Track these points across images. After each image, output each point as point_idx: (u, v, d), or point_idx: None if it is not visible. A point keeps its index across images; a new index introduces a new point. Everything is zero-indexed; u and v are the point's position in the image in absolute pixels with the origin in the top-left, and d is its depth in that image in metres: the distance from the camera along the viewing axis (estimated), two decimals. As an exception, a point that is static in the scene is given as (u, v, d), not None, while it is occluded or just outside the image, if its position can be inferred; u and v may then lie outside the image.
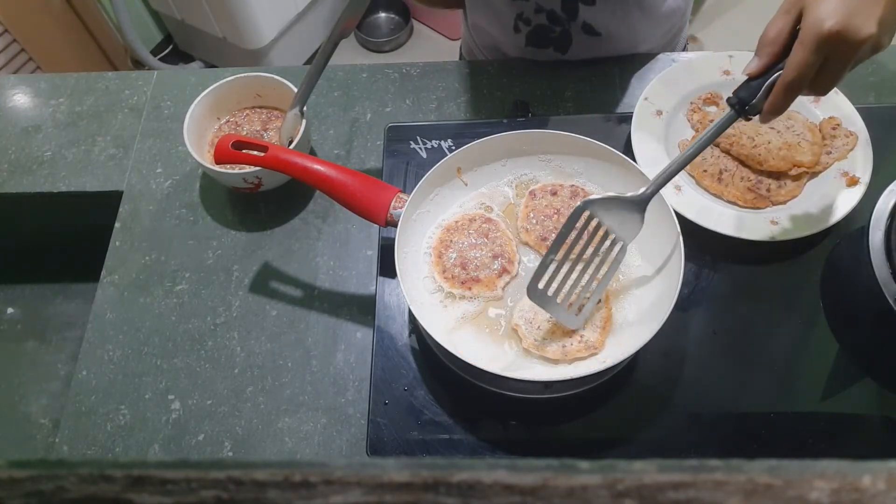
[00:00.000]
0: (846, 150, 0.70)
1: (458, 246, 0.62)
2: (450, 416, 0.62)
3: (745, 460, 0.16)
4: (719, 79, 0.77)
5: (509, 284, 0.62)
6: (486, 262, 0.61)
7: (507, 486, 0.16)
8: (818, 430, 0.60)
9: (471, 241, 0.62)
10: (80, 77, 0.88)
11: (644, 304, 0.60)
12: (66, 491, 0.17)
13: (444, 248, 0.62)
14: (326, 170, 0.61)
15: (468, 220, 0.64)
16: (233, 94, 0.78)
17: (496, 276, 0.61)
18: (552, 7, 0.79)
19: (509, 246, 0.62)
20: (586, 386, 0.60)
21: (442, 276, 0.61)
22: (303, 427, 0.63)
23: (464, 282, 0.60)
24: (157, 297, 0.71)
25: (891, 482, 0.16)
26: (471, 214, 0.64)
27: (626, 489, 0.16)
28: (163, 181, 0.79)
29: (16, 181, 0.80)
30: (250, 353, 0.67)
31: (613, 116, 0.79)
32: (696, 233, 0.66)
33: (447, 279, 0.61)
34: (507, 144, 0.66)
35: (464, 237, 0.63)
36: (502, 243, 0.62)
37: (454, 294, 0.61)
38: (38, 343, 0.87)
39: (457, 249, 0.62)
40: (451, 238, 0.63)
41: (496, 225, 0.64)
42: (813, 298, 0.66)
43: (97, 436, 0.64)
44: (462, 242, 0.62)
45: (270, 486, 0.17)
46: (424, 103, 0.83)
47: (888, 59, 0.81)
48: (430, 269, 0.62)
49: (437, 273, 0.61)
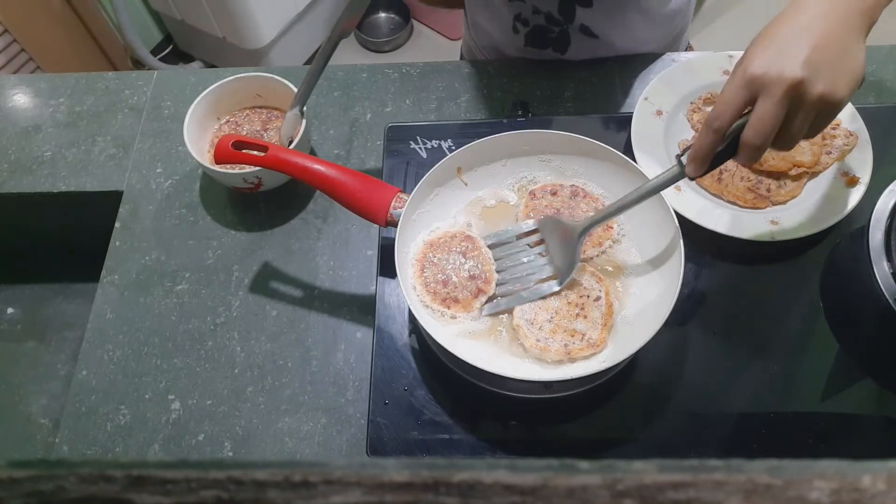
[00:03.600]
0: (846, 150, 0.70)
1: (439, 264, 0.62)
2: (450, 416, 0.62)
3: (745, 460, 0.16)
4: (719, 79, 0.77)
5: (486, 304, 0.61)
6: (463, 282, 0.61)
7: (507, 486, 0.16)
8: (818, 430, 0.60)
9: (451, 260, 0.62)
10: (80, 77, 0.88)
11: (644, 303, 0.60)
12: (66, 491, 0.17)
13: (427, 264, 0.62)
14: (326, 170, 0.61)
15: (449, 238, 0.63)
16: (233, 94, 0.78)
17: (472, 297, 0.60)
18: (549, 9, 0.79)
19: (486, 266, 0.62)
20: (586, 386, 0.60)
21: (424, 289, 0.61)
22: (303, 427, 0.63)
23: (444, 300, 0.60)
24: (157, 297, 0.71)
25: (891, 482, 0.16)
26: (452, 231, 0.64)
27: (626, 489, 0.16)
28: (163, 181, 0.79)
29: (16, 181, 0.80)
30: (250, 353, 0.67)
31: (613, 116, 0.79)
32: (696, 233, 0.66)
33: (429, 293, 0.60)
34: (507, 144, 0.66)
35: (444, 255, 0.62)
36: (480, 262, 0.62)
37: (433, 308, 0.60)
38: (38, 343, 0.87)
39: (437, 267, 0.61)
40: (433, 254, 0.62)
41: (475, 243, 0.63)
42: (813, 298, 0.66)
43: (97, 436, 0.64)
44: (442, 260, 0.62)
45: (270, 486, 0.17)
46: (424, 103, 0.83)
47: (888, 59, 0.81)
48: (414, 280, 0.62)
49: (419, 285, 0.61)
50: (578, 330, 0.58)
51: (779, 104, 0.44)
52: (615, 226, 0.64)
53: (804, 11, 0.46)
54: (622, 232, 0.64)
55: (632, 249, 0.63)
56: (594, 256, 0.63)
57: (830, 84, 0.44)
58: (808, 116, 0.46)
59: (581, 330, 0.58)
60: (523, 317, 0.59)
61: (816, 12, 0.46)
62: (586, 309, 0.59)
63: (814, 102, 0.45)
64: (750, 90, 0.46)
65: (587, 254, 0.63)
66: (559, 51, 0.84)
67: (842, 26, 0.45)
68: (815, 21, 0.45)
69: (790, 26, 0.46)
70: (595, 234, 0.63)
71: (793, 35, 0.45)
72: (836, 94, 0.45)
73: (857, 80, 0.46)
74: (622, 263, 0.63)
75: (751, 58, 0.46)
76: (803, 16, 0.46)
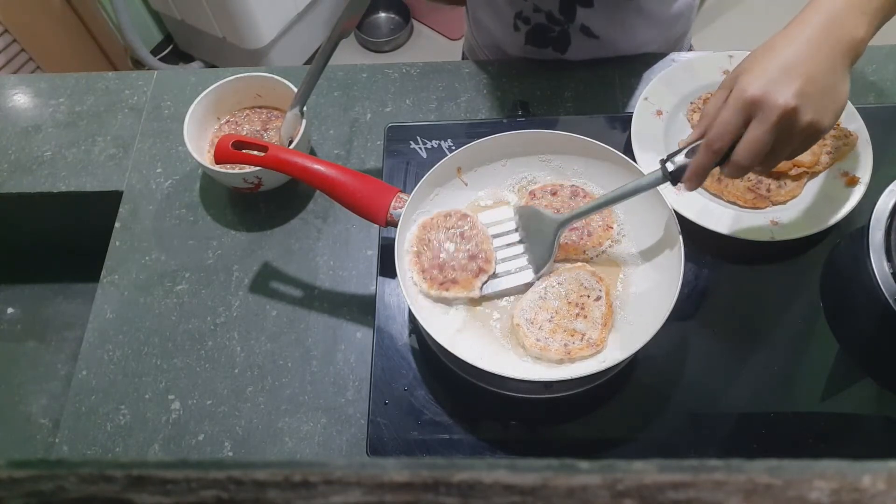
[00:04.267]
0: (846, 149, 0.70)
1: (435, 246, 0.61)
2: (450, 416, 0.62)
3: (745, 460, 0.16)
4: (719, 79, 0.77)
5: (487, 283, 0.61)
6: (463, 263, 0.60)
7: (507, 486, 0.16)
8: (818, 430, 0.60)
9: (447, 241, 0.61)
10: (80, 77, 0.88)
11: (644, 303, 0.60)
12: (66, 491, 0.17)
13: (423, 247, 0.61)
14: (326, 170, 0.61)
15: (443, 217, 0.63)
16: (233, 94, 0.78)
17: (473, 277, 0.60)
18: (550, 8, 0.79)
19: (485, 244, 0.61)
20: (586, 386, 0.60)
21: (420, 276, 0.60)
22: (303, 427, 0.63)
23: (441, 283, 0.60)
24: (157, 297, 0.71)
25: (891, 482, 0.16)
26: (446, 211, 0.63)
27: (626, 489, 0.16)
28: (163, 181, 0.79)
29: (16, 181, 0.80)
30: (250, 353, 0.67)
31: (613, 116, 0.79)
32: (696, 233, 0.66)
33: (426, 279, 0.60)
34: (507, 144, 0.66)
35: (440, 235, 0.62)
36: (478, 241, 0.61)
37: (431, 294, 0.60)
38: (38, 343, 0.87)
39: (433, 249, 0.61)
40: (427, 236, 0.62)
41: (472, 222, 0.62)
42: (813, 298, 0.66)
43: (97, 436, 0.64)
44: (438, 242, 0.61)
45: (270, 486, 0.17)
46: (424, 103, 0.83)
47: (888, 59, 0.81)
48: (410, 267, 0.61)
49: (416, 272, 0.61)
50: (578, 330, 0.58)
51: (771, 129, 0.48)
52: (615, 226, 0.64)
53: (793, 43, 0.49)
54: (622, 232, 0.64)
55: (632, 249, 0.63)
56: (594, 256, 0.63)
57: (818, 114, 0.48)
58: (794, 142, 0.50)
59: (581, 330, 0.58)
60: (523, 316, 0.59)
61: (806, 47, 0.49)
62: (586, 309, 0.59)
63: (802, 129, 0.48)
64: (746, 113, 0.49)
65: (587, 254, 0.63)
66: (559, 50, 0.84)
67: (830, 61, 0.49)
68: (806, 55, 0.49)
69: (782, 57, 0.49)
70: (595, 233, 0.63)
71: (786, 67, 0.48)
72: (822, 123, 0.49)
73: (840, 111, 0.50)
74: (622, 263, 0.63)
75: (747, 82, 0.49)
76: (793, 48, 0.49)
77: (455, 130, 0.79)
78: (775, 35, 0.51)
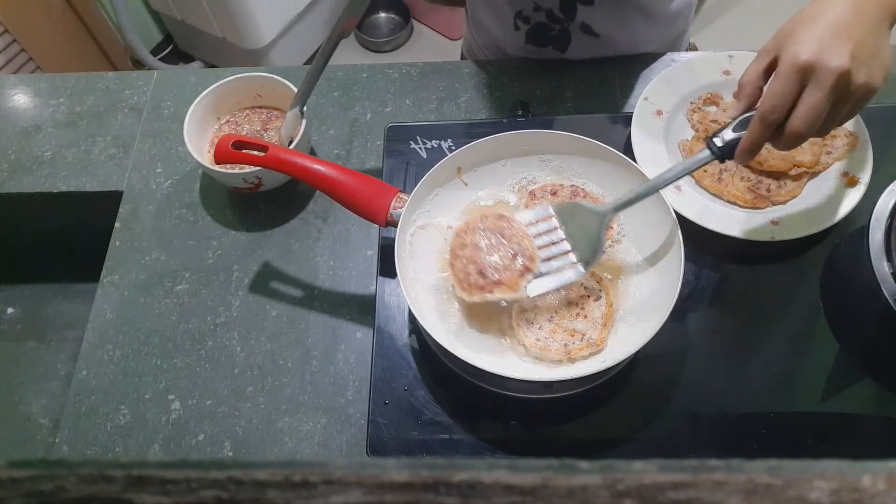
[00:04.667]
0: (846, 150, 0.70)
1: (475, 248, 0.57)
2: (450, 416, 0.62)
3: (745, 460, 0.16)
4: (719, 79, 0.77)
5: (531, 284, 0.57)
6: (506, 263, 0.56)
7: (507, 486, 0.16)
8: (818, 430, 0.60)
9: (486, 242, 0.57)
10: (80, 77, 0.88)
11: (644, 303, 0.60)
12: (66, 491, 0.17)
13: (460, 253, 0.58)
14: (326, 170, 0.61)
15: (479, 220, 0.59)
16: (233, 94, 0.78)
17: (518, 277, 0.56)
18: (550, 6, 0.79)
19: (527, 241, 0.57)
20: (586, 386, 0.60)
21: (459, 286, 0.57)
22: (303, 427, 0.63)
23: (482, 287, 0.56)
24: (157, 297, 0.71)
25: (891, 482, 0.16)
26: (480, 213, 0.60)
27: (626, 489, 0.16)
28: (163, 181, 0.79)
29: (16, 181, 0.80)
30: (250, 353, 0.67)
31: (613, 116, 0.79)
32: (696, 233, 0.66)
33: (464, 288, 0.56)
34: (507, 144, 0.66)
35: (478, 238, 0.58)
36: (519, 240, 0.57)
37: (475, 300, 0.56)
38: (38, 343, 0.87)
39: (473, 252, 0.57)
40: (465, 241, 0.58)
41: (509, 221, 0.59)
42: (813, 298, 0.66)
43: (97, 436, 0.64)
44: (477, 244, 0.57)
45: (270, 486, 0.17)
46: (424, 103, 0.83)
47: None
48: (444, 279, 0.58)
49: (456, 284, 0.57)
50: (578, 330, 0.58)
51: (829, 94, 0.47)
52: (615, 226, 0.64)
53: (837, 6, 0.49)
54: (622, 232, 0.64)
55: (632, 249, 0.63)
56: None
57: (870, 75, 0.48)
58: (849, 104, 0.49)
59: (581, 330, 0.58)
60: (524, 316, 0.59)
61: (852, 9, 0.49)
62: (586, 309, 0.59)
63: (856, 91, 0.48)
64: (801, 79, 0.48)
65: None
66: (559, 49, 0.84)
67: (874, 22, 0.49)
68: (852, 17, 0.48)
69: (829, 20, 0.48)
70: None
71: (835, 30, 0.48)
72: (874, 83, 0.49)
73: (888, 70, 0.50)
74: (622, 263, 0.63)
75: (799, 48, 0.48)
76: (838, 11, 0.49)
77: (455, 130, 0.79)
78: (812, 4, 0.51)
